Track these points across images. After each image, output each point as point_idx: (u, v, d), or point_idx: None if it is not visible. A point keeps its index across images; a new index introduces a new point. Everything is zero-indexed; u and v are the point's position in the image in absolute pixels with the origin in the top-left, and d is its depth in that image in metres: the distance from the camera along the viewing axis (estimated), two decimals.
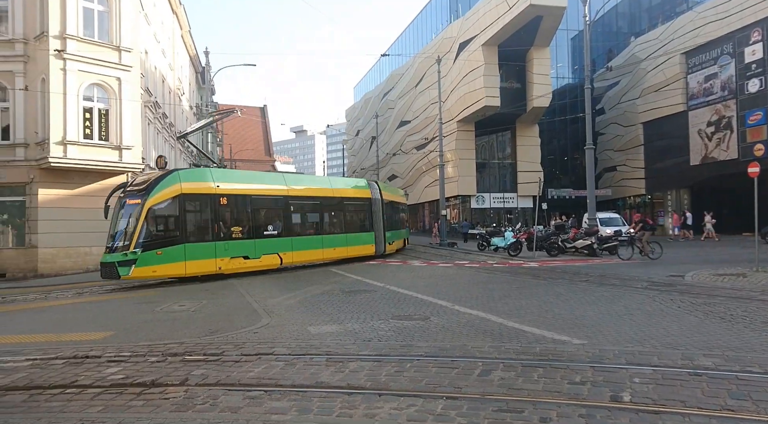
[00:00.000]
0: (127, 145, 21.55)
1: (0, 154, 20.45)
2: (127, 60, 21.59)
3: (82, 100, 20.38)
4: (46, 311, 11.41)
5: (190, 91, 44.26)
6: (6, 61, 20.46)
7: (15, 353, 6.96)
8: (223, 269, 16.47)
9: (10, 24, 20.63)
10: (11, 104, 20.65)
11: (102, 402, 4.85)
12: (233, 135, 65.29)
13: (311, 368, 5.77)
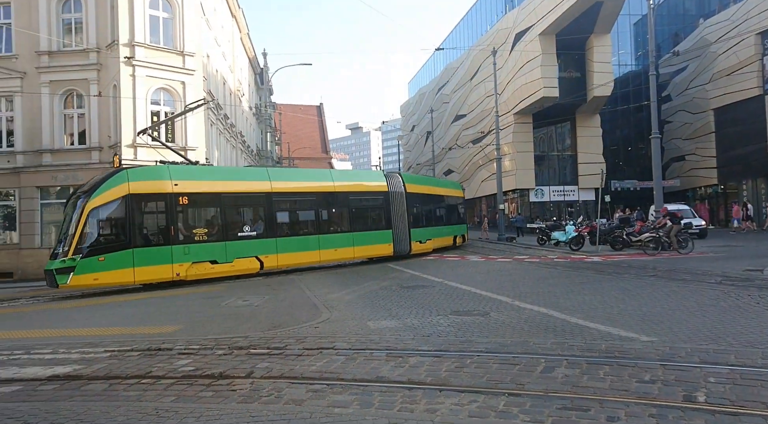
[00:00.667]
0: (192, 146, 22.41)
1: (77, 157, 21.75)
2: (191, 64, 22.44)
3: (149, 104, 21.36)
4: (121, 306, 12.06)
5: (250, 93, 45.49)
6: (81, 69, 21.73)
7: (95, 345, 7.40)
8: (182, 275, 14.98)
9: (84, 34, 21.90)
10: (86, 110, 21.92)
11: (174, 392, 5.08)
12: (291, 133, 66.71)
13: (371, 362, 5.82)
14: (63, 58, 21.87)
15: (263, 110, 50.70)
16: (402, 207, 21.27)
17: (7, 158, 21.77)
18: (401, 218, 21.17)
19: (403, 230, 21.19)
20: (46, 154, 21.66)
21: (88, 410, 4.62)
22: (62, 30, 22.13)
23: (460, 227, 28.18)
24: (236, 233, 16.37)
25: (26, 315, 11.49)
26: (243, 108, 40.26)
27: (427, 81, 71.20)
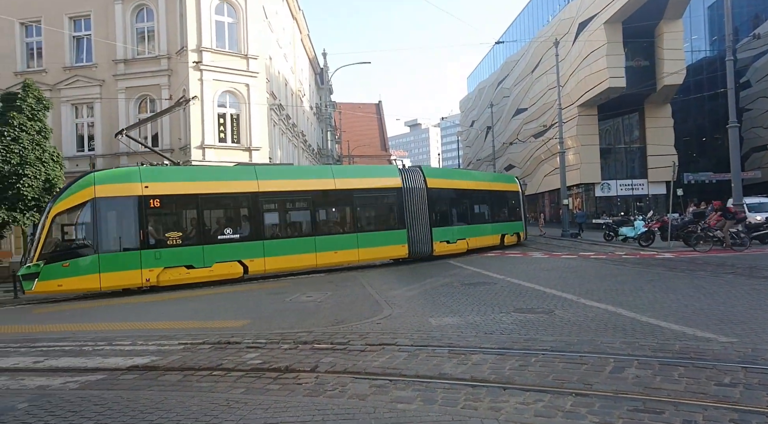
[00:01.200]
0: (256, 146, 23.11)
1: (151, 159, 22.85)
2: (254, 67, 23.12)
3: (216, 107, 22.21)
4: (191, 301, 12.61)
5: (310, 92, 46.37)
6: (154, 75, 22.88)
7: (170, 338, 7.78)
8: (153, 281, 14.36)
9: (156, 42, 23.03)
10: None
11: (244, 384, 5.28)
12: (350, 132, 67.49)
13: (434, 359, 5.82)
14: (137, 65, 23.09)
15: (323, 109, 51.56)
16: (421, 204, 19.37)
17: (88, 161, 23.21)
18: (420, 216, 19.26)
19: (422, 229, 19.27)
20: (122, 157, 22.93)
21: (165, 400, 4.87)
22: (136, 39, 23.35)
23: (511, 225, 25.08)
24: (216, 236, 15.49)
25: (107, 309, 12.22)
26: (304, 108, 41.08)
27: (487, 75, 70.13)
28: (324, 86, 52.81)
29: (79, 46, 23.90)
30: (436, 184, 20.39)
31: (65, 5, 23.40)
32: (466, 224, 21.92)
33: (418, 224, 19.23)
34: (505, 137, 56.06)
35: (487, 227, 23.26)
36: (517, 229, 25.60)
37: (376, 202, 19.09)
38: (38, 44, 23.97)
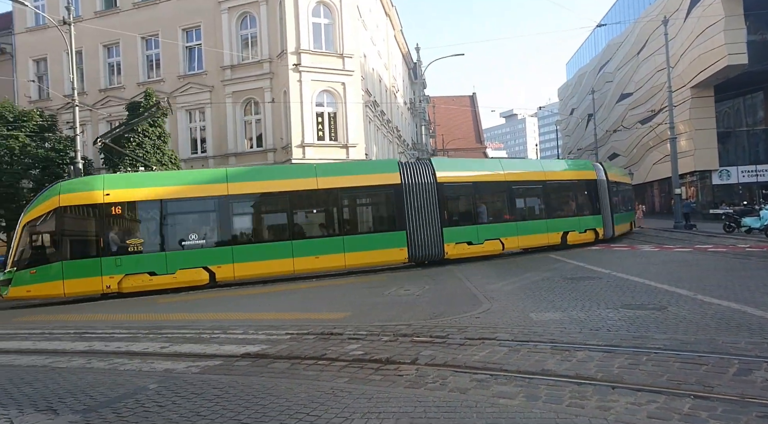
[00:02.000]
0: (353, 143, 23.67)
1: (256, 159, 24.19)
2: (350, 65, 23.68)
3: (315, 106, 23.02)
4: (297, 293, 13.22)
5: (404, 88, 46.66)
6: (257, 79, 24.15)
7: (277, 328, 8.21)
8: (113, 288, 14.33)
9: (258, 47, 24.28)
10: (262, 116, 24.30)
11: (347, 374, 5.47)
12: (445, 125, 67.12)
13: (536, 355, 5.69)
14: (242, 70, 24.48)
15: (417, 104, 51.69)
16: (429, 201, 17.05)
17: (201, 163, 24.97)
18: (427, 214, 17.03)
19: (428, 229, 17.01)
20: (231, 158, 24.44)
21: (275, 386, 5.16)
22: (241, 45, 24.75)
23: (579, 220, 20.66)
24: (179, 243, 15.04)
25: (222, 300, 13.11)
26: (398, 103, 41.43)
27: (587, 60, 66.74)
28: (417, 81, 52.92)
29: (191, 55, 25.75)
30: (450, 179, 17.92)
31: (179, 18, 25.28)
32: (500, 221, 18.79)
33: (423, 224, 16.99)
34: (607, 125, 53.12)
35: (536, 224, 19.51)
36: (590, 224, 20.99)
37: (367, 202, 17.58)
38: (156, 56, 26.13)
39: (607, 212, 21.81)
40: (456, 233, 17.61)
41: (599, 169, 22.48)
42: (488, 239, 18.12)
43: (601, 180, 21.74)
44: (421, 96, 53.22)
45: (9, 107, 21.56)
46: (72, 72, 18.94)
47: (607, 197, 21.87)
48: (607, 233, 21.63)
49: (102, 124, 26.30)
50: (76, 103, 18.72)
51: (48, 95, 27.17)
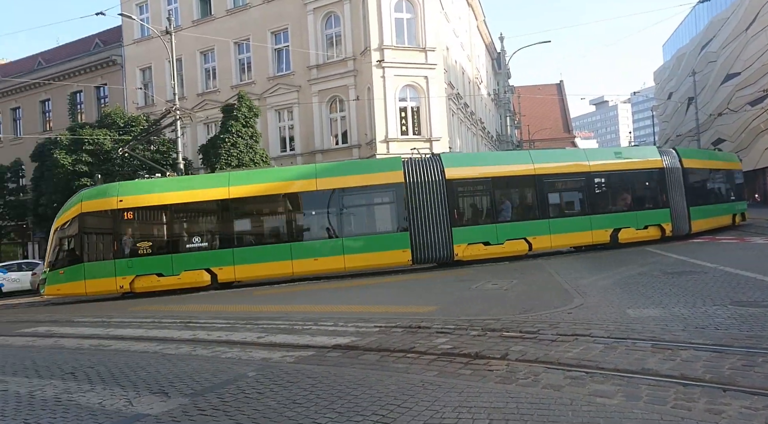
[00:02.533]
0: (436, 137, 23.60)
1: (341, 155, 24.74)
2: (432, 59, 23.60)
3: (398, 102, 23.17)
4: (384, 287, 13.42)
5: (487, 79, 45.81)
6: (341, 77, 24.67)
7: (366, 321, 8.38)
8: (126, 288, 15.42)
9: (342, 46, 24.79)
10: (347, 113, 24.80)
11: (437, 368, 5.49)
12: (530, 115, 65.17)
13: (635, 353, 5.41)
14: (327, 69, 25.10)
15: (501, 95, 50.57)
16: (437, 200, 16.26)
17: (290, 160, 25.90)
18: (434, 214, 16.23)
19: (436, 230, 16.22)
20: (318, 154, 25.15)
21: (366, 377, 5.27)
22: (326, 44, 25.38)
23: (637, 215, 18.08)
24: (184, 245, 15.84)
25: (312, 293, 13.58)
26: (482, 95, 40.75)
27: (687, 40, 62.19)
28: (501, 71, 51.75)
29: (279, 57, 26.76)
30: (463, 175, 16.85)
31: (268, 22, 26.33)
32: (527, 219, 17.29)
33: (429, 224, 16.22)
34: (711, 108, 49.26)
35: (575, 221, 17.63)
36: (653, 219, 18.32)
37: (368, 202, 16.91)
38: (248, 59, 27.39)
39: (681, 205, 18.81)
40: (469, 232, 16.59)
41: (670, 155, 19.36)
42: (511, 238, 16.78)
43: (670, 168, 18.71)
44: (505, 86, 52.02)
45: (120, 114, 23.51)
46: (173, 78, 20.28)
47: (682, 188, 18.94)
48: (678, 229, 18.57)
49: (200, 127, 27.97)
50: (177, 108, 20.04)
51: (153, 101, 29.28)
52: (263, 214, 16.76)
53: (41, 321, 12.36)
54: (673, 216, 18.45)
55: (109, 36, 33.21)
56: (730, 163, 23.87)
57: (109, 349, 7.99)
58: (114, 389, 5.59)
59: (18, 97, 35.12)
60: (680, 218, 18.71)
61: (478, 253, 16.56)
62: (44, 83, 32.63)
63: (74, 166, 21.88)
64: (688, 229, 18.98)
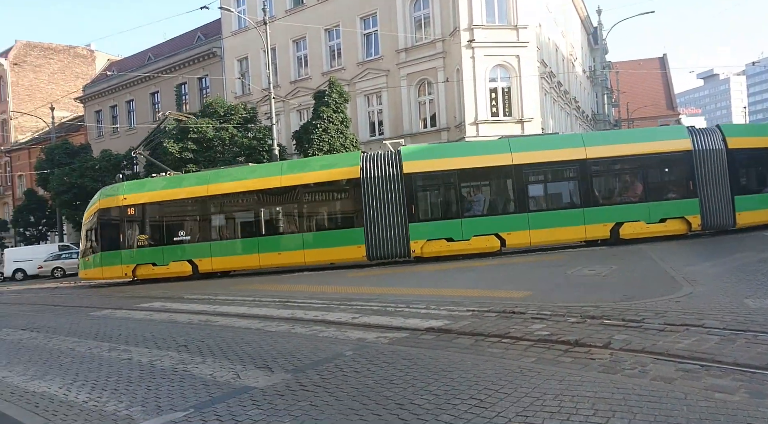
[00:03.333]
0: (528, 117, 22.85)
1: (430, 138, 24.64)
2: (524, 37, 22.79)
3: (488, 82, 22.63)
4: (475, 271, 13.28)
5: (582, 55, 43.57)
6: (430, 59, 24.47)
7: (458, 304, 8.33)
8: (129, 275, 17.79)
9: (431, 27, 24.54)
10: (435, 96, 24.59)
11: (534, 354, 5.35)
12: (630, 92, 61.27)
13: (757, 346, 4.98)
14: (415, 52, 24.99)
15: (598, 72, 47.95)
16: (393, 196, 15.83)
17: (378, 144, 26.12)
18: (389, 210, 15.85)
19: (390, 226, 15.83)
20: (406, 138, 25.17)
21: (461, 361, 5.26)
22: (414, 27, 25.22)
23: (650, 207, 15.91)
24: (171, 238, 17.56)
25: (403, 276, 13.73)
26: (576, 73, 38.87)
27: None
28: (598, 46, 48.99)
29: (368, 42, 26.96)
30: (422, 169, 16.15)
31: (357, 8, 26.57)
32: (501, 213, 16.30)
33: (384, 220, 15.87)
34: None
35: (563, 214, 16.09)
36: (673, 211, 16.02)
37: (328, 198, 17.23)
38: (338, 46, 27.85)
39: (719, 194, 15.92)
40: (428, 228, 15.96)
41: (707, 135, 16.32)
42: (478, 234, 15.80)
43: (704, 151, 15.94)
44: (602, 62, 49.21)
45: (220, 103, 24.78)
46: (268, 67, 21.05)
47: (724, 173, 15.99)
48: (711, 223, 15.89)
49: (293, 114, 28.91)
50: (272, 96, 20.81)
51: (249, 90, 30.61)
52: (236, 210, 17.82)
53: (156, 297, 13.45)
54: (704, 207, 15.84)
55: (210, 29, 35.01)
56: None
57: (216, 324, 8.54)
58: (222, 362, 5.97)
59: (131, 90, 38.01)
60: (716, 209, 15.92)
61: (440, 249, 15.90)
62: (153, 76, 35.10)
63: (181, 154, 23.39)
64: (732, 222, 16.11)
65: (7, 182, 50.01)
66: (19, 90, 50.63)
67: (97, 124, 40.28)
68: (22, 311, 13.50)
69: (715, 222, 16.02)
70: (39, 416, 4.61)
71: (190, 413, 4.41)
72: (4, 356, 7.58)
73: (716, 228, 16.09)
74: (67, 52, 54.74)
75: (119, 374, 5.86)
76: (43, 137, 44.24)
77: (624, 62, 67.12)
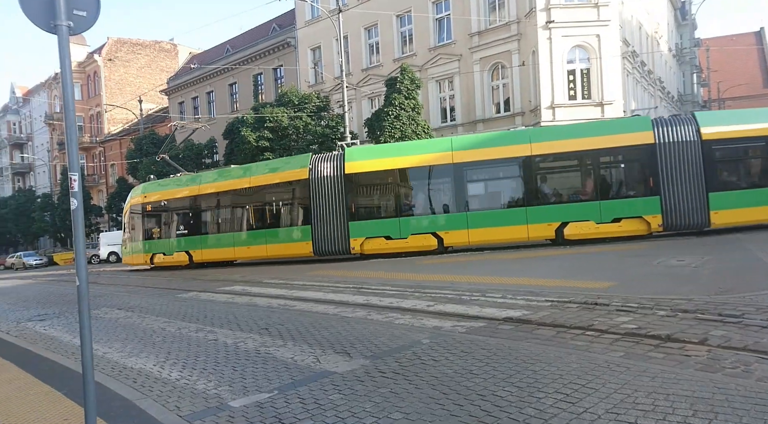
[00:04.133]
0: (608, 100, 21.79)
1: (503, 124, 24.04)
2: (605, 15, 21.66)
3: (565, 64, 21.74)
4: (554, 259, 12.89)
5: (668, 32, 40.90)
6: (504, 42, 23.79)
7: (536, 294, 8.11)
8: (148, 262, 21.39)
9: (506, 10, 23.82)
10: (509, 80, 23.92)
11: (621, 348, 5.10)
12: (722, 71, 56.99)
13: None
14: (489, 35, 24.37)
15: (685, 50, 44.93)
16: (335, 195, 16.75)
17: (450, 130, 25.85)
18: (332, 209, 16.81)
19: (333, 224, 16.79)
20: (479, 124, 24.74)
21: (543, 353, 5.10)
22: (488, 9, 24.57)
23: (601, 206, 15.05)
24: (174, 232, 20.66)
25: (477, 264, 13.53)
26: (661, 51, 36.59)
27: None
28: (686, 22, 45.86)
29: (440, 27, 26.56)
30: (363, 168, 16.76)
31: None
32: (439, 212, 16.35)
33: (328, 219, 16.83)
34: None
35: (503, 213, 15.85)
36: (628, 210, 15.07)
37: (280, 198, 18.36)
38: (409, 32, 27.62)
39: (688, 191, 14.63)
40: (367, 227, 16.62)
41: (676, 125, 14.83)
42: (416, 233, 16.16)
43: (670, 143, 14.68)
44: (690, 39, 46.05)
45: (295, 92, 25.31)
46: (340, 55, 21.22)
47: (695, 167, 14.60)
48: (674, 223, 14.69)
49: (365, 101, 29.07)
50: (344, 84, 20.99)
51: (322, 78, 31.06)
52: (218, 207, 19.71)
53: (236, 280, 14.03)
54: (667, 206, 14.70)
55: (285, 20, 35.73)
56: None
57: (295, 309, 8.77)
58: (302, 346, 6.12)
59: (211, 81, 39.58)
60: (684, 207, 14.68)
61: (379, 247, 16.46)
62: (231, 68, 36.34)
63: (257, 142, 24.14)
64: (705, 221, 14.71)
65: (101, 171, 53.67)
66: (111, 84, 54.02)
67: (180, 115, 42.30)
68: (117, 291, 14.48)
69: (682, 222, 14.70)
70: (137, 391, 4.91)
71: (275, 394, 4.55)
72: (104, 333, 8.15)
73: (683, 229, 14.80)
74: (152, 47, 57.72)
75: (207, 355, 6.15)
76: (132, 128, 47.07)
77: (715, 38, 62.42)
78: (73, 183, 3.39)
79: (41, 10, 3.35)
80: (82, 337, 3.50)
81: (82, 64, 55.28)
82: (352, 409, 4.05)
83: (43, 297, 14.91)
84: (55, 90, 56.79)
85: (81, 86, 55.87)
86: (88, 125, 54.79)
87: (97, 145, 53.65)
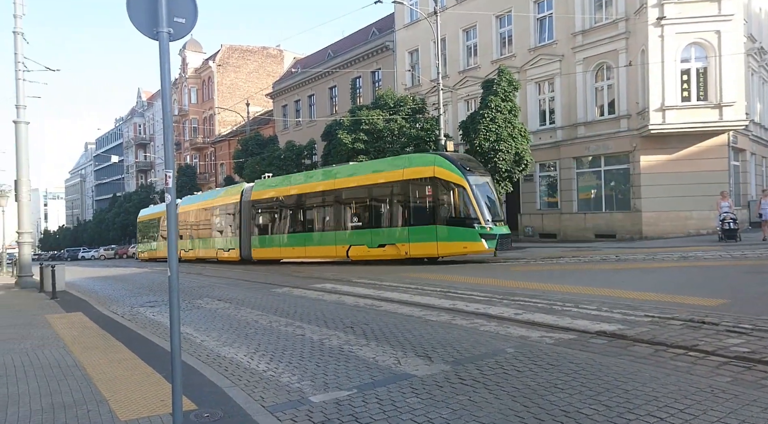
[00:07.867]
0: (728, 102, 20.02)
1: (606, 127, 22.84)
2: (727, 8, 19.91)
3: (679, 63, 20.25)
4: (653, 272, 12.01)
5: None
6: (610, 41, 22.56)
7: (634, 308, 7.59)
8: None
9: (613, 7, 22.59)
10: (615, 80, 22.66)
11: (728, 373, 4.64)
12: None
13: None
14: (594, 34, 23.22)
15: None
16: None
17: (549, 134, 24.95)
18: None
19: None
20: (580, 127, 23.66)
21: (638, 371, 4.75)
22: (593, 7, 23.44)
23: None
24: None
25: (571, 273, 12.93)
26: None
27: None
28: None
29: (541, 26, 25.71)
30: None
31: None
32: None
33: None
34: None
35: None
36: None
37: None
38: (509, 32, 27.00)
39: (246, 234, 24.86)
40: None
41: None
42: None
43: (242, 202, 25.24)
44: None
45: (391, 95, 25.59)
46: (437, 58, 21.16)
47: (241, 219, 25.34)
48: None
49: (461, 104, 28.80)
50: (440, 87, 20.91)
51: (419, 81, 31.17)
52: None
53: (327, 279, 14.41)
54: (241, 243, 25.06)
55: (384, 24, 36.29)
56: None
57: (380, 309, 8.85)
58: (384, 347, 6.15)
59: (312, 85, 41.05)
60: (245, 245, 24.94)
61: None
62: (331, 72, 37.46)
63: (353, 144, 24.67)
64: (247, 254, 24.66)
65: (211, 170, 57.45)
66: (222, 88, 57.68)
67: (283, 118, 44.25)
68: (219, 284, 15.40)
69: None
70: (227, 379, 5.17)
71: (354, 393, 4.60)
72: (203, 322, 8.70)
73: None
74: (260, 52, 60.91)
75: (293, 349, 6.36)
76: (239, 130, 49.91)
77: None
78: (168, 179, 3.63)
79: (146, 18, 3.67)
80: (172, 324, 3.72)
81: (198, 70, 59.52)
82: (428, 414, 4.01)
83: (155, 286, 16.19)
84: (175, 94, 61.56)
85: (197, 91, 60.15)
86: (202, 127, 58.85)
87: (208, 146, 57.46)
